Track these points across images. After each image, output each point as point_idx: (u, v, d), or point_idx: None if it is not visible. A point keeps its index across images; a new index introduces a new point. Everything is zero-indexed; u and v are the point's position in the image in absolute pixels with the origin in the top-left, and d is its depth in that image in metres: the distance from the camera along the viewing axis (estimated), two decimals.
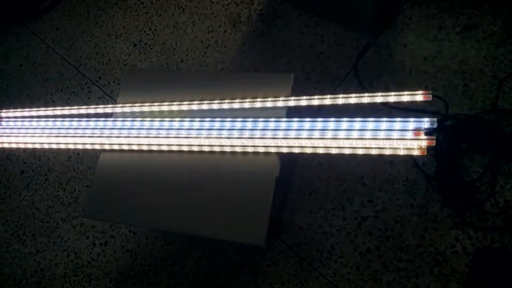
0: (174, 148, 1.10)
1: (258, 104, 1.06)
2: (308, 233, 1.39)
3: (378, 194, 1.35)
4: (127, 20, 1.99)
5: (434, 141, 0.89)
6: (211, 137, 1.06)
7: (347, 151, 0.94)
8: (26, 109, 1.36)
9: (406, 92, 0.95)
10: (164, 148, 1.11)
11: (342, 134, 0.96)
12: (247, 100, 1.07)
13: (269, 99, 1.06)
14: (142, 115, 1.19)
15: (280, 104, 1.05)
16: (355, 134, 0.95)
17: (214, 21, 1.80)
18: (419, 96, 0.94)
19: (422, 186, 1.32)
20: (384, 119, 0.95)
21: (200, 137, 1.07)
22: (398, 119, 0.94)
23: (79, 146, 1.21)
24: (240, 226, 1.01)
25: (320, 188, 1.42)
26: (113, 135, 1.16)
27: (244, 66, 1.68)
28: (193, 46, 1.80)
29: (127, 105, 1.20)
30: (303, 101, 1.04)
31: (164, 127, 1.12)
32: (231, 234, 1.02)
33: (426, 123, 0.92)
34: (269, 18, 1.70)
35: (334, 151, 0.95)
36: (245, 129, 1.04)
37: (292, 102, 1.04)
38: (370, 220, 1.34)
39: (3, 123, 1.38)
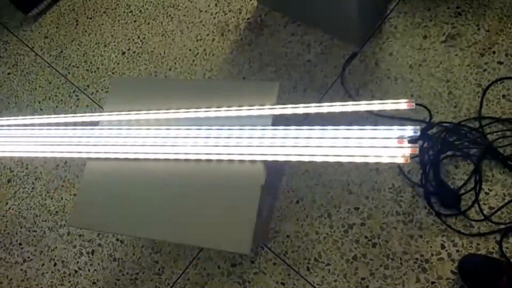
0: (160, 156, 1.09)
1: (243, 112, 1.07)
2: (295, 241, 1.39)
3: (364, 202, 1.36)
4: (116, 28, 1.99)
5: (417, 149, 0.90)
6: (197, 146, 1.06)
7: (331, 159, 0.95)
8: (13, 117, 1.36)
9: (390, 101, 0.96)
10: (150, 156, 1.10)
11: (327, 143, 0.96)
12: (233, 108, 1.08)
13: (255, 107, 1.06)
14: (129, 123, 1.19)
15: (265, 112, 1.05)
16: (340, 142, 0.96)
17: (202, 29, 1.81)
18: (403, 105, 0.95)
19: (408, 194, 1.33)
20: (369, 127, 0.96)
21: (186, 146, 1.07)
22: (382, 127, 0.95)
23: (66, 155, 1.20)
24: (226, 234, 1.00)
25: (306, 195, 1.42)
26: (99, 143, 1.16)
27: (232, 75, 1.69)
28: (181, 55, 1.81)
29: (114, 113, 1.20)
30: (289, 110, 1.04)
31: (150, 136, 1.12)
32: (217, 242, 1.02)
33: (409, 131, 0.93)
34: (256, 27, 1.72)
35: (319, 159, 0.96)
36: (231, 137, 1.04)
37: (277, 111, 1.05)
38: (356, 228, 1.35)
39: None
